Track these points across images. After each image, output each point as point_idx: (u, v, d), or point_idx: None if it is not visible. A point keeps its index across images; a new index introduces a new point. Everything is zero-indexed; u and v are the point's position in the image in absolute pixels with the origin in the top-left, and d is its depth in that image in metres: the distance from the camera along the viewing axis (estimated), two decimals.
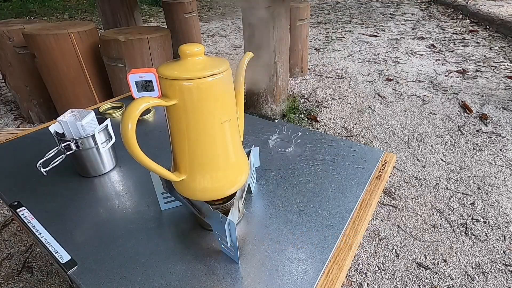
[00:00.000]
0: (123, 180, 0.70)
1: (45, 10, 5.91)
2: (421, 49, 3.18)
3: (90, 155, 0.68)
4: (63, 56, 1.66)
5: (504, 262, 1.07)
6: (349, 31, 3.99)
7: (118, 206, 0.62)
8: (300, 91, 2.36)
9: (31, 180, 0.70)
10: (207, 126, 0.45)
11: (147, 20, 5.13)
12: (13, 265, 1.11)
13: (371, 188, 0.67)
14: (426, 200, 1.34)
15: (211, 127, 0.45)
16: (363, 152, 0.77)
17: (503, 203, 1.30)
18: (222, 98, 0.45)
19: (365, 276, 1.05)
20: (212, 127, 0.45)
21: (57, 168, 0.66)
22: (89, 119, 0.67)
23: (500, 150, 1.63)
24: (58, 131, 0.68)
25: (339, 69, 2.76)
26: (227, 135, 0.47)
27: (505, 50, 3.04)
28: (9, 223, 1.29)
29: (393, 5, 5.47)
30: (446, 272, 1.05)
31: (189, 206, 0.53)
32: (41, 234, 0.56)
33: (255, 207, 0.62)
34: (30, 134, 0.89)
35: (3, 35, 1.72)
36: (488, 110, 1.99)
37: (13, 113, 2.20)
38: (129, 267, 0.50)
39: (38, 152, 0.67)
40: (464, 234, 1.18)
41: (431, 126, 1.88)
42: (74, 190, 0.67)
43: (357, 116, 2.02)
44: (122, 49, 1.57)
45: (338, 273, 0.50)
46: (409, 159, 1.60)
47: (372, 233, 1.20)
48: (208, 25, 4.63)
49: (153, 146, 0.81)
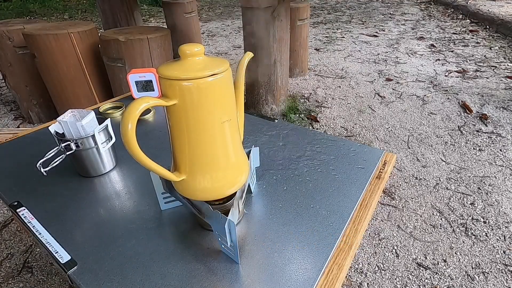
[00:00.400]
0: (123, 180, 0.70)
1: (45, 10, 5.91)
2: (421, 49, 3.18)
3: (90, 155, 0.68)
4: (63, 56, 1.66)
5: (504, 262, 1.07)
6: (349, 31, 3.99)
7: (118, 206, 0.62)
8: (300, 91, 2.36)
9: (31, 180, 0.70)
10: (207, 126, 0.45)
11: (147, 20, 5.13)
12: (13, 265, 1.11)
13: (371, 188, 0.67)
14: (426, 200, 1.34)
15: (211, 127, 0.45)
16: (363, 152, 0.77)
17: (503, 203, 1.30)
18: (222, 98, 0.45)
19: (365, 276, 1.05)
20: (212, 127, 0.45)
21: (57, 168, 0.66)
22: (89, 119, 0.67)
23: (500, 150, 1.63)
24: (58, 131, 0.68)
25: (339, 69, 2.76)
26: (227, 135, 0.47)
27: (505, 50, 3.04)
28: (9, 223, 1.29)
29: (393, 5, 5.47)
30: (446, 272, 1.05)
31: (189, 206, 0.53)
32: (41, 234, 0.56)
33: (255, 207, 0.62)
34: (30, 134, 0.89)
35: (3, 35, 1.72)
36: (488, 110, 1.99)
37: (13, 113, 2.20)
38: (129, 267, 0.50)
39: (38, 152, 0.67)
40: (464, 234, 1.18)
41: (431, 126, 1.88)
42: (74, 190, 0.67)
43: (357, 116, 2.02)
44: (122, 49, 1.57)
45: (338, 273, 0.50)
46: (409, 159, 1.60)
47: (372, 233, 1.20)
48: (208, 25, 4.63)
49: (153, 146, 0.81)
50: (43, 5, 6.24)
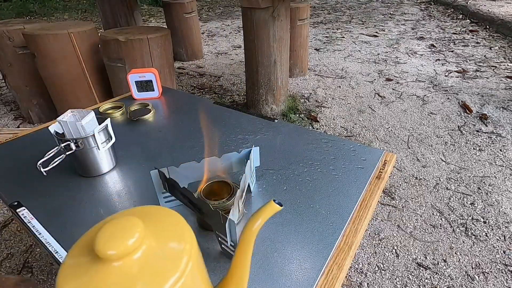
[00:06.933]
0: (123, 180, 0.70)
1: (45, 10, 5.91)
2: (421, 49, 3.18)
3: (90, 155, 0.68)
4: (63, 56, 1.66)
5: (504, 262, 1.07)
6: (349, 31, 3.99)
7: (118, 206, 0.62)
8: (300, 91, 2.36)
9: (31, 180, 0.70)
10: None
11: (147, 20, 5.13)
12: (13, 265, 1.11)
13: (371, 188, 0.66)
14: (426, 200, 1.34)
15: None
16: (363, 152, 0.77)
17: (503, 203, 1.30)
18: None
19: (365, 276, 1.05)
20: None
21: (57, 168, 0.66)
22: (89, 119, 0.67)
23: (500, 150, 1.63)
24: (58, 131, 0.68)
25: (339, 69, 2.76)
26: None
27: (505, 50, 3.04)
28: (9, 223, 1.29)
29: (393, 5, 5.47)
30: (446, 272, 1.05)
31: (190, 206, 0.53)
32: (41, 234, 0.56)
33: (255, 207, 0.62)
34: (30, 134, 0.89)
35: (3, 35, 1.72)
36: (488, 110, 1.99)
37: (13, 113, 2.20)
38: None
39: (38, 152, 0.67)
40: (464, 234, 1.18)
41: (431, 126, 1.88)
42: (74, 190, 0.67)
43: (357, 116, 2.02)
44: (122, 49, 1.57)
45: (338, 273, 0.50)
46: (409, 159, 1.60)
47: (372, 233, 1.20)
48: (208, 25, 4.63)
49: (153, 146, 0.81)
50: (43, 5, 6.24)
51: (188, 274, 0.25)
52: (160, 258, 0.25)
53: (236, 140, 0.83)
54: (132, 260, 0.24)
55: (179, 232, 0.27)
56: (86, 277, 0.24)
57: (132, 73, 1.02)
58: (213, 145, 0.80)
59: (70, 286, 0.24)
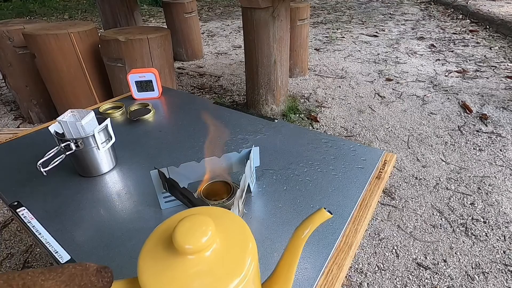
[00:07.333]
0: (123, 180, 0.70)
1: (45, 10, 5.92)
2: (421, 49, 3.18)
3: (90, 155, 0.68)
4: (63, 56, 1.66)
5: (504, 262, 1.07)
6: (349, 31, 3.99)
7: (118, 206, 0.62)
8: (300, 91, 2.36)
9: (31, 180, 0.70)
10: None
11: (147, 20, 5.13)
12: (13, 265, 1.11)
13: (371, 188, 0.66)
14: (426, 200, 1.34)
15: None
16: (363, 152, 0.77)
17: (503, 203, 1.30)
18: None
19: (365, 276, 1.05)
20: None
21: (57, 168, 0.66)
22: (89, 119, 0.67)
23: (500, 150, 1.63)
24: (58, 131, 0.68)
25: (339, 69, 2.76)
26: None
27: (505, 50, 3.04)
28: (9, 223, 1.29)
29: (393, 5, 5.47)
30: (446, 272, 1.05)
31: (189, 206, 0.53)
32: (41, 234, 0.56)
33: (255, 207, 0.62)
34: (30, 134, 0.89)
35: (3, 35, 1.72)
36: (488, 110, 1.99)
37: (13, 113, 2.20)
38: (129, 267, 0.50)
39: (38, 152, 0.67)
40: (464, 234, 1.18)
41: (431, 126, 1.88)
42: (74, 190, 0.67)
43: (357, 116, 2.02)
44: (122, 49, 1.57)
45: (338, 273, 0.50)
46: (409, 159, 1.60)
47: (372, 233, 1.20)
48: (208, 25, 4.63)
49: (153, 146, 0.81)
50: (43, 5, 6.24)
51: (250, 274, 0.26)
52: (227, 257, 0.27)
53: (236, 140, 0.83)
54: (204, 256, 0.26)
55: (242, 233, 0.29)
56: (164, 266, 0.26)
57: (132, 73, 1.02)
58: (213, 145, 0.80)
59: (150, 274, 0.26)
